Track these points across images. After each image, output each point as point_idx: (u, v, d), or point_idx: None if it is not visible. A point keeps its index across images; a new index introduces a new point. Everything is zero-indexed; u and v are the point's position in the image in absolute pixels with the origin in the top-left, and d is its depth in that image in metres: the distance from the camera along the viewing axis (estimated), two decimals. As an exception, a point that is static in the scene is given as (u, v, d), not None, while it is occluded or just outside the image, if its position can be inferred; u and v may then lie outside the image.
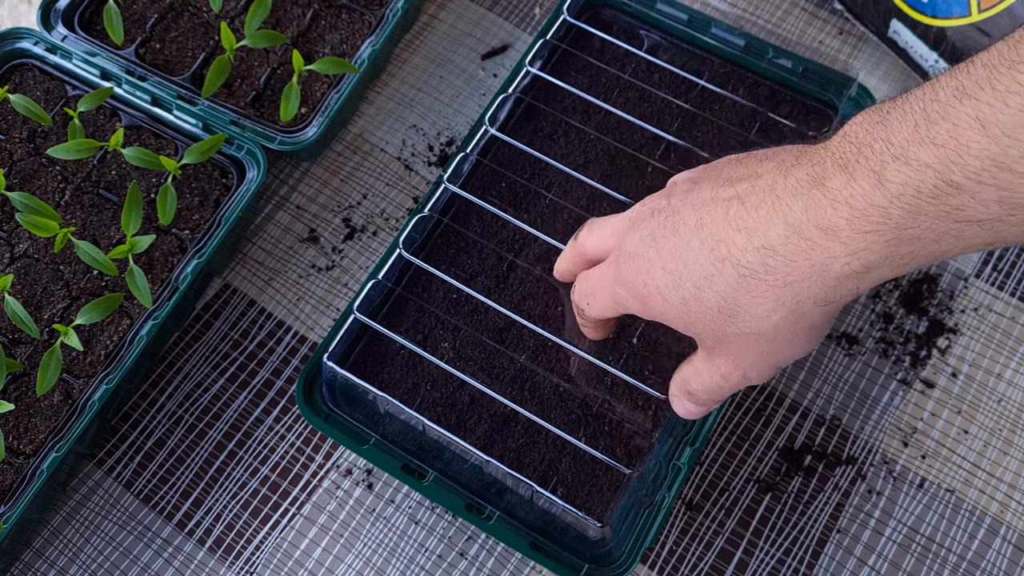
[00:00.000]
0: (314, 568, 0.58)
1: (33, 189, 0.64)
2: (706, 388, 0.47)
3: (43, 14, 0.67)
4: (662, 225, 0.44)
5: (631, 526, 0.53)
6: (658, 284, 0.44)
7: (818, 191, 0.39)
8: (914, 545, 0.58)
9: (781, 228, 0.40)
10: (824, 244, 0.39)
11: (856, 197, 0.38)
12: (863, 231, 0.38)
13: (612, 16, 0.67)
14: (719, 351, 0.45)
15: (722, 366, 0.45)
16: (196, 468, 0.61)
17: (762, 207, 0.41)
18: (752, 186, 0.42)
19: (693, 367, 0.48)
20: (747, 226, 0.41)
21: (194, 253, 0.61)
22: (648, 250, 0.44)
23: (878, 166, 0.37)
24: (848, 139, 0.39)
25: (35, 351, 0.59)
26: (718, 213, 0.42)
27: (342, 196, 0.69)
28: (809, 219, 0.39)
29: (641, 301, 0.45)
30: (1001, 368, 0.63)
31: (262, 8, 0.65)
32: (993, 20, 0.62)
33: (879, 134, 0.37)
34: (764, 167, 0.43)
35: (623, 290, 0.46)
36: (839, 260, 0.39)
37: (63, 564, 0.58)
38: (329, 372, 0.55)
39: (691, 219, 0.43)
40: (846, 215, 0.38)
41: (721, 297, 0.42)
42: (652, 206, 0.46)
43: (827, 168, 0.39)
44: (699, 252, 0.42)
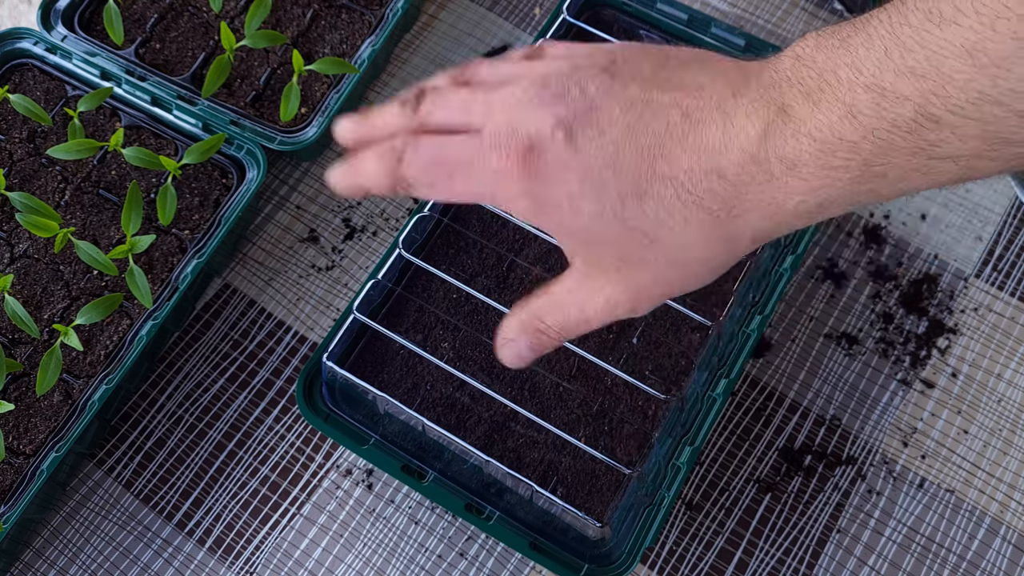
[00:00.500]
0: (314, 568, 0.58)
1: (33, 189, 0.64)
2: (568, 322, 0.40)
3: (43, 14, 0.67)
4: (580, 120, 0.37)
5: (631, 526, 0.53)
6: (571, 190, 0.37)
7: (778, 118, 0.34)
8: (914, 545, 0.58)
9: (735, 154, 0.35)
10: (783, 178, 0.35)
11: (822, 129, 0.33)
12: (829, 167, 0.34)
13: (612, 16, 0.67)
14: (613, 276, 0.39)
15: (611, 293, 0.39)
16: (196, 468, 0.61)
17: (711, 126, 0.36)
18: (695, 99, 0.36)
19: (552, 298, 0.41)
20: (693, 145, 0.36)
21: (194, 253, 0.61)
22: (561, 148, 0.37)
23: (847, 97, 0.33)
24: (803, 63, 0.35)
25: (35, 351, 0.59)
26: (657, 122, 0.36)
27: (342, 196, 0.68)
28: (768, 148, 0.35)
29: (537, 204, 0.38)
30: (1001, 368, 0.63)
31: (262, 8, 0.65)
32: (993, 20, 0.62)
33: (843, 59, 0.33)
34: (702, 77, 0.37)
35: (516, 186, 0.38)
36: (795, 197, 0.35)
37: (63, 564, 0.58)
38: (329, 372, 0.55)
39: (620, 120, 0.37)
40: (810, 148, 0.34)
41: (649, 219, 0.37)
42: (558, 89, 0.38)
43: (784, 92, 0.35)
44: (633, 163, 0.36)
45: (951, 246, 0.66)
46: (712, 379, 0.56)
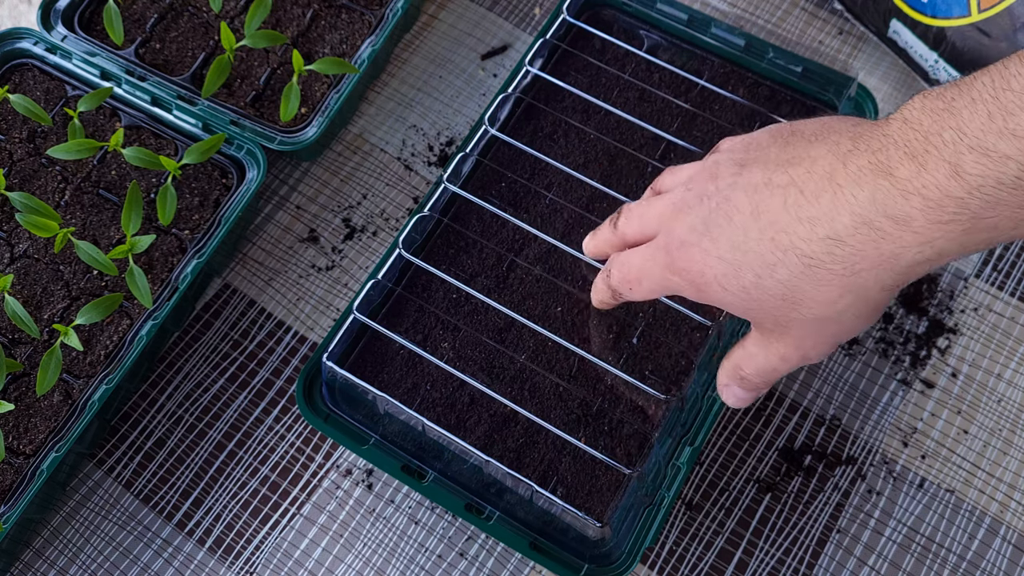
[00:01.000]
0: (314, 568, 0.58)
1: (33, 189, 0.64)
2: (761, 371, 0.47)
3: (43, 14, 0.67)
4: (714, 212, 0.43)
5: (631, 526, 0.53)
6: (716, 273, 0.43)
7: (885, 180, 0.38)
8: (914, 545, 0.58)
9: (847, 218, 0.39)
10: (896, 234, 0.38)
11: (930, 187, 0.37)
12: (939, 221, 0.37)
13: (612, 16, 0.67)
14: (779, 335, 0.45)
15: (781, 349, 0.45)
16: (196, 468, 0.61)
17: (823, 196, 0.40)
18: (808, 172, 0.41)
19: (746, 351, 0.48)
20: (809, 215, 0.40)
21: (194, 253, 0.61)
22: (702, 239, 0.44)
23: (952, 156, 0.36)
24: (911, 126, 0.38)
25: (35, 351, 0.59)
26: (775, 201, 0.41)
27: (342, 196, 0.69)
28: (878, 209, 0.38)
29: (697, 288, 0.45)
30: (1001, 368, 0.63)
31: (262, 8, 0.65)
32: (993, 20, 0.62)
33: (948, 122, 0.37)
34: (817, 150, 0.42)
35: (677, 278, 0.45)
36: (911, 249, 0.38)
37: (63, 564, 0.58)
38: (329, 372, 0.55)
39: (745, 206, 0.42)
40: (919, 205, 0.37)
41: (784, 286, 0.42)
42: (699, 191, 0.45)
43: (891, 156, 0.38)
44: (758, 242, 0.42)
45: (951, 246, 0.66)
46: (712, 379, 0.56)
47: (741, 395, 0.49)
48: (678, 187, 0.47)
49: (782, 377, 0.48)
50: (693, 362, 0.56)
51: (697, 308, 0.57)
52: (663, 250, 0.46)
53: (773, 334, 0.45)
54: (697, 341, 0.57)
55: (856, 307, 0.42)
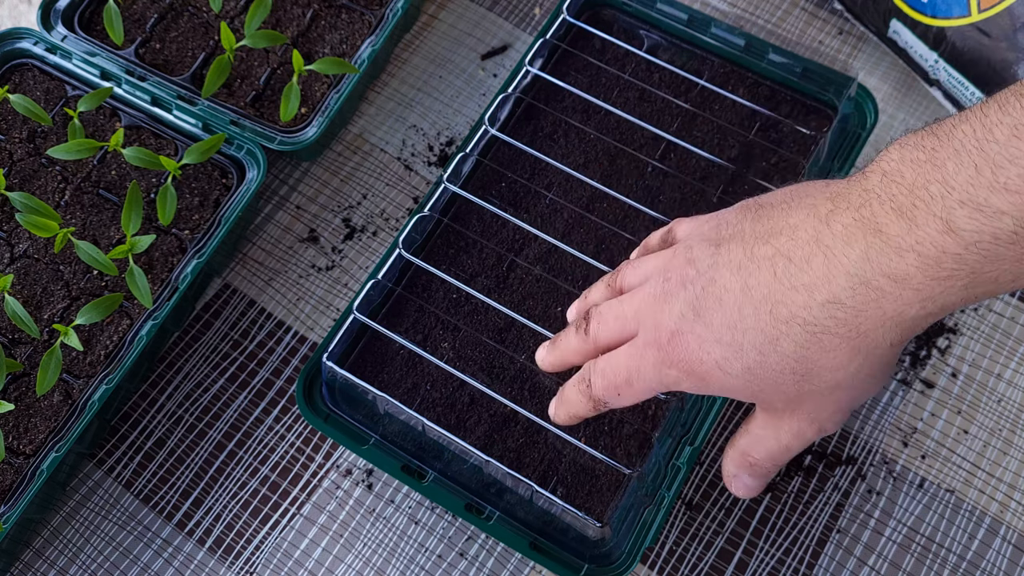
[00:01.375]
0: (314, 568, 0.58)
1: (33, 189, 0.64)
2: (772, 454, 0.45)
3: (43, 14, 0.67)
4: (701, 296, 0.42)
5: (631, 526, 0.53)
6: (716, 359, 0.41)
7: (876, 238, 0.37)
8: (914, 545, 0.58)
9: (843, 280, 0.38)
10: (895, 292, 0.37)
11: (924, 244, 0.36)
12: (937, 278, 0.36)
13: (612, 16, 0.67)
14: (791, 412, 0.43)
15: (795, 426, 0.44)
16: (196, 468, 0.61)
17: (814, 260, 0.39)
18: (792, 240, 0.40)
19: (752, 436, 0.46)
20: (804, 283, 0.39)
21: (194, 253, 0.61)
22: (695, 325, 0.41)
23: (942, 212, 0.35)
24: (892, 179, 0.37)
25: (35, 351, 0.59)
26: (763, 274, 0.40)
27: (342, 196, 0.69)
28: (873, 268, 0.37)
29: (698, 378, 0.42)
30: (1001, 368, 0.63)
31: (262, 8, 0.65)
32: (993, 20, 0.62)
33: (932, 176, 0.35)
34: (795, 217, 0.40)
35: (675, 371, 0.43)
36: (914, 306, 0.37)
37: (63, 564, 0.58)
38: (329, 372, 0.55)
39: (734, 285, 0.41)
40: (915, 263, 0.36)
41: (791, 359, 0.40)
42: (678, 278, 0.43)
43: (876, 211, 0.37)
44: (755, 318, 0.40)
45: (951, 246, 0.66)
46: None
47: (751, 484, 0.47)
48: (651, 279, 0.44)
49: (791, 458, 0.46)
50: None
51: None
52: (652, 345, 0.43)
53: (783, 412, 0.43)
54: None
55: (868, 367, 0.40)
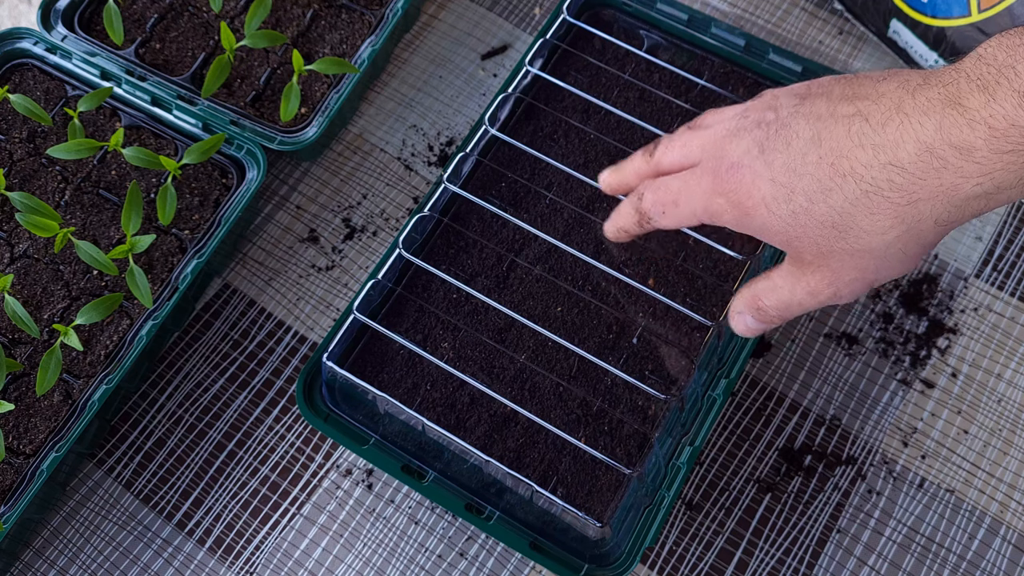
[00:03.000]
0: (314, 568, 0.58)
1: (33, 189, 0.64)
2: (782, 304, 0.47)
3: (43, 14, 0.67)
4: (771, 137, 0.43)
5: (631, 526, 0.53)
6: (764, 195, 0.43)
7: (953, 110, 0.38)
8: (914, 545, 0.58)
9: (912, 146, 0.39)
10: (958, 164, 0.38)
11: (996, 117, 0.37)
12: (1001, 151, 0.37)
13: (612, 16, 0.67)
14: (816, 267, 0.44)
15: (814, 282, 0.45)
16: (196, 468, 0.61)
17: (889, 124, 0.40)
18: (876, 104, 0.41)
19: (771, 282, 0.47)
20: (873, 143, 0.40)
21: (194, 253, 0.61)
22: (756, 161, 0.43)
23: (1021, 86, 0.36)
24: (984, 60, 0.38)
25: (35, 351, 0.59)
26: (839, 129, 0.41)
27: (342, 196, 0.69)
28: (943, 138, 0.38)
29: (742, 211, 0.44)
30: (1001, 368, 0.63)
31: (262, 8, 0.65)
32: (993, 20, 0.62)
33: (1022, 55, 0.37)
34: (885, 86, 0.42)
35: (723, 199, 0.45)
36: (971, 180, 0.38)
37: (63, 564, 0.58)
38: (329, 372, 0.55)
39: (806, 132, 0.42)
40: (984, 135, 0.37)
41: (836, 212, 0.41)
42: (756, 117, 0.45)
43: (962, 88, 0.38)
44: (816, 166, 0.41)
45: (951, 246, 0.66)
46: (712, 379, 0.56)
47: (752, 325, 0.49)
48: (730, 118, 0.46)
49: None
50: (693, 362, 0.56)
51: (697, 308, 0.57)
52: (710, 173, 0.45)
53: (811, 266, 0.44)
54: (697, 341, 0.57)
55: (904, 241, 0.41)
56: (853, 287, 0.44)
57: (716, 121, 0.48)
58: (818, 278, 0.45)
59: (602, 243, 0.60)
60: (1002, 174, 0.38)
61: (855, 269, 0.43)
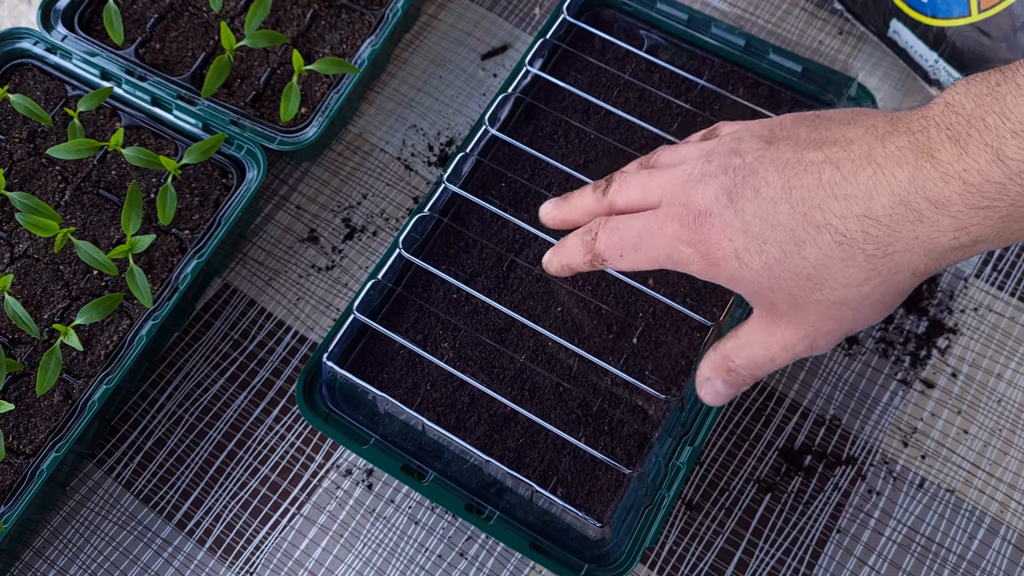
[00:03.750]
0: (314, 568, 0.58)
1: (33, 189, 0.64)
2: (754, 362, 0.45)
3: (43, 14, 0.67)
4: (740, 184, 0.42)
5: (631, 526, 0.53)
6: (736, 247, 0.42)
7: (926, 162, 0.37)
8: (914, 545, 0.58)
9: (886, 198, 0.38)
10: (933, 218, 0.38)
11: (970, 172, 0.36)
12: (977, 207, 0.37)
13: (612, 16, 0.67)
14: (789, 319, 0.43)
15: (787, 335, 0.44)
16: (196, 468, 0.61)
17: (861, 174, 0.39)
18: (845, 152, 0.40)
19: (739, 341, 0.46)
20: (846, 193, 0.39)
21: (194, 253, 0.61)
22: (725, 210, 0.42)
23: (994, 141, 0.36)
24: (953, 109, 0.38)
25: (35, 351, 0.59)
26: (809, 178, 0.40)
27: (342, 196, 0.69)
28: (917, 191, 0.38)
29: (711, 261, 0.43)
30: (1001, 368, 0.63)
31: (262, 8, 0.65)
32: (993, 20, 0.62)
33: (991, 107, 0.36)
34: (853, 131, 0.41)
35: (690, 249, 0.43)
36: (948, 234, 0.38)
37: (63, 564, 0.58)
38: (329, 372, 0.55)
39: (776, 181, 0.41)
40: (958, 189, 0.37)
41: (811, 264, 0.40)
42: (722, 163, 0.43)
43: (932, 138, 0.38)
44: (788, 216, 0.40)
45: (951, 246, 0.66)
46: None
47: (722, 391, 0.47)
48: (689, 161, 0.45)
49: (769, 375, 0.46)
50: (693, 362, 0.56)
51: (697, 308, 0.57)
52: (675, 220, 0.43)
53: (784, 318, 0.43)
54: (697, 341, 0.57)
55: (881, 291, 0.41)
56: (829, 339, 0.43)
57: (676, 161, 0.46)
58: (792, 331, 0.43)
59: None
60: (978, 228, 0.37)
61: (832, 320, 0.42)
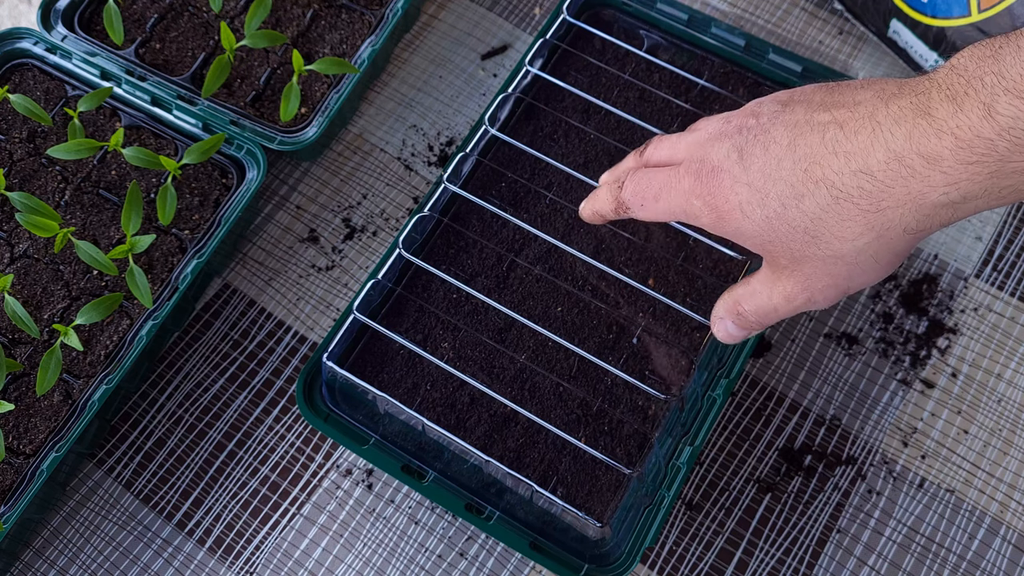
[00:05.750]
0: (314, 568, 0.58)
1: (33, 189, 0.64)
2: (760, 309, 0.47)
3: (43, 14, 0.67)
4: (750, 142, 0.44)
5: (631, 526, 0.53)
6: (740, 200, 0.44)
7: (923, 120, 0.39)
8: (914, 545, 0.58)
9: (882, 154, 0.40)
10: (924, 172, 0.39)
11: (963, 128, 0.37)
12: (966, 162, 0.38)
13: (612, 16, 0.67)
14: (790, 272, 0.45)
15: (788, 287, 0.46)
16: (196, 468, 0.61)
17: (862, 132, 0.41)
18: (851, 112, 0.42)
19: (749, 288, 0.48)
20: (845, 150, 0.41)
21: (194, 253, 0.61)
22: (734, 165, 0.44)
23: (988, 98, 0.37)
24: (956, 71, 0.39)
25: (35, 351, 0.59)
26: (814, 136, 0.42)
27: (342, 196, 0.69)
28: (912, 147, 0.39)
29: (717, 214, 0.45)
30: (1001, 368, 0.63)
31: (262, 8, 0.65)
32: (993, 20, 0.62)
33: (990, 67, 0.37)
34: (862, 95, 0.42)
35: (699, 201, 0.45)
36: (938, 189, 0.39)
37: (63, 564, 0.58)
38: (329, 372, 0.55)
39: (783, 139, 0.43)
40: (950, 145, 0.38)
41: (808, 217, 0.42)
42: (738, 123, 0.46)
43: (932, 98, 0.39)
44: (791, 172, 0.42)
45: (951, 246, 0.66)
46: (712, 379, 0.56)
47: (733, 332, 0.50)
48: (714, 122, 0.48)
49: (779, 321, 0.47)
50: (693, 362, 0.56)
51: (697, 308, 0.57)
52: (691, 173, 0.46)
53: (785, 271, 0.45)
54: (697, 341, 0.57)
55: (875, 248, 0.42)
56: (827, 293, 0.45)
57: (704, 126, 0.49)
58: (792, 283, 0.45)
59: (602, 243, 0.60)
60: (967, 184, 0.38)
61: (828, 275, 0.44)
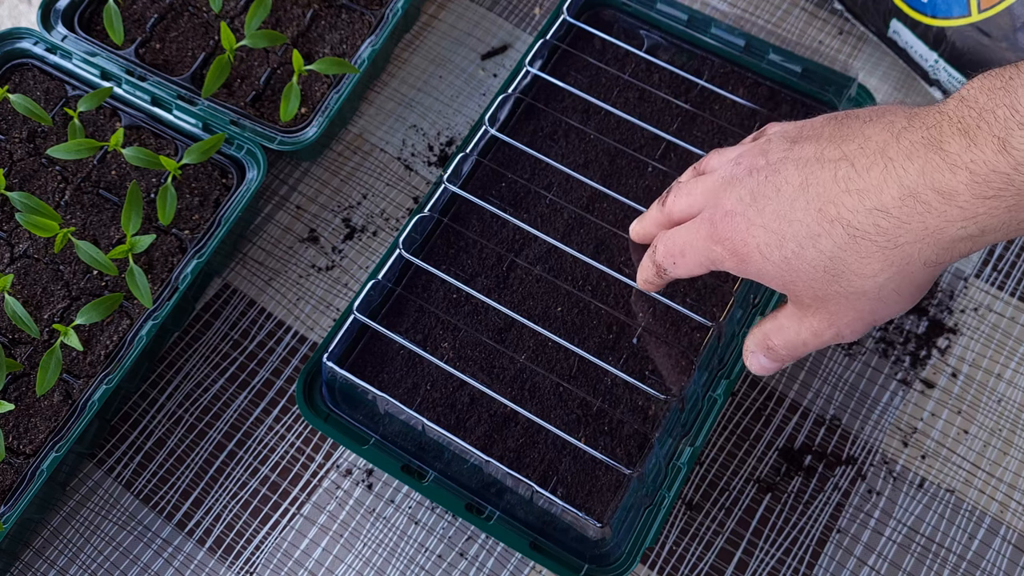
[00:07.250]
0: (314, 568, 0.58)
1: (33, 189, 0.64)
2: (789, 344, 0.48)
3: (43, 14, 0.67)
4: (762, 184, 0.44)
5: (631, 526, 0.53)
6: (759, 243, 0.44)
7: (936, 155, 0.38)
8: (914, 545, 0.58)
9: (895, 190, 0.39)
10: (940, 208, 0.38)
11: (977, 162, 0.37)
12: (983, 196, 0.37)
13: (612, 16, 0.67)
14: (815, 309, 0.45)
15: (815, 324, 0.46)
16: (196, 468, 0.61)
17: (874, 169, 0.40)
18: (861, 148, 0.42)
19: (777, 323, 0.48)
20: (858, 188, 0.41)
21: (194, 253, 0.61)
22: (748, 209, 0.44)
23: (1002, 132, 0.37)
24: (967, 103, 0.38)
25: (35, 351, 0.59)
26: (825, 174, 0.42)
27: (342, 196, 0.69)
28: (926, 182, 0.39)
29: (739, 258, 0.45)
30: (1001, 368, 0.63)
31: (262, 8, 0.65)
32: (993, 20, 0.62)
33: (1002, 99, 0.37)
34: (872, 129, 0.42)
35: (720, 247, 0.46)
36: (955, 224, 0.39)
37: (63, 564, 0.58)
38: (329, 372, 0.55)
39: (795, 179, 0.43)
40: (965, 180, 0.37)
41: (827, 257, 0.42)
42: (748, 164, 0.46)
43: (944, 131, 0.39)
44: (804, 212, 0.42)
45: (951, 246, 0.66)
46: (712, 379, 0.56)
47: (767, 364, 0.50)
48: (725, 164, 0.47)
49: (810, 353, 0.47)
50: (693, 362, 0.56)
51: (697, 308, 0.57)
52: (708, 222, 0.46)
53: (809, 308, 0.45)
54: (697, 341, 0.57)
55: (896, 282, 0.42)
56: (854, 327, 0.45)
57: (717, 166, 0.49)
58: (819, 320, 0.45)
59: (602, 243, 0.60)
60: (985, 218, 0.38)
61: (852, 311, 0.44)
